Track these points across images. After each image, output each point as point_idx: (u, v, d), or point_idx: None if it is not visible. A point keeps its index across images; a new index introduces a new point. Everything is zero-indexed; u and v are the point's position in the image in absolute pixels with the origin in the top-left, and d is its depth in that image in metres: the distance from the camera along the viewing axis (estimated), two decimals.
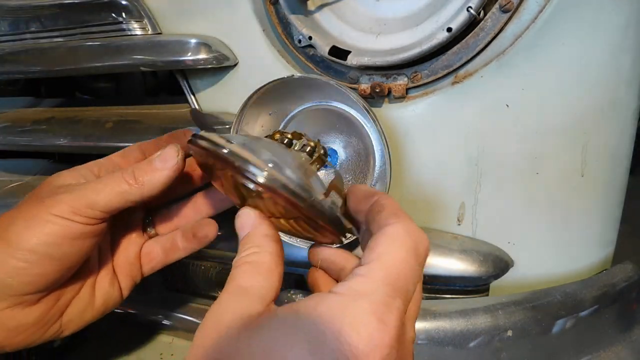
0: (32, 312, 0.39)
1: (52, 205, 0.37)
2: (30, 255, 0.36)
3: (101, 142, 0.63)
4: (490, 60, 0.49)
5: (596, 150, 0.53)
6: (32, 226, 0.37)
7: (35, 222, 0.37)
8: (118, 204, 0.39)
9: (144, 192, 0.39)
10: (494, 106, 0.50)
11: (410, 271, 0.30)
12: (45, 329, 0.40)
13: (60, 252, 0.38)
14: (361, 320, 0.26)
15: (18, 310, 0.38)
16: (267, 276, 0.33)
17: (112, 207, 0.39)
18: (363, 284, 0.28)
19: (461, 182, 0.53)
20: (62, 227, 0.37)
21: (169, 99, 0.72)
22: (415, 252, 0.31)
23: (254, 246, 0.35)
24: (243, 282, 0.32)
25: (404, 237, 0.31)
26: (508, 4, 0.46)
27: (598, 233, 0.59)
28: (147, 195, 0.40)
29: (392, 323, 0.27)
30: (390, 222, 0.32)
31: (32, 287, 0.38)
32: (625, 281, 0.56)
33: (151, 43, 0.58)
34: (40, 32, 0.65)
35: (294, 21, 0.52)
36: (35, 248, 0.37)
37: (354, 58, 0.50)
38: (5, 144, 0.70)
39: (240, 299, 0.31)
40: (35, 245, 0.36)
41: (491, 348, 0.49)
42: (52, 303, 0.40)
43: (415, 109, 0.52)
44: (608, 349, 0.54)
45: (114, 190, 0.38)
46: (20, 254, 0.36)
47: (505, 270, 0.54)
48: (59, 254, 0.38)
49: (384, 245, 0.30)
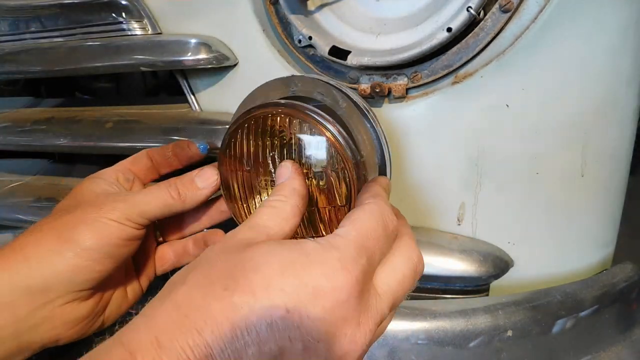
0: (86, 306, 0.43)
1: (109, 212, 0.43)
2: (94, 254, 0.42)
3: (101, 142, 0.63)
4: (490, 60, 0.49)
5: (596, 150, 0.53)
6: (95, 229, 0.42)
7: (97, 226, 0.42)
8: (162, 214, 0.45)
9: (185, 206, 0.46)
10: (494, 106, 0.50)
11: (377, 239, 0.34)
12: (94, 321, 0.45)
13: (117, 251, 0.43)
14: (329, 263, 0.31)
15: (75, 304, 0.43)
16: (281, 223, 0.37)
17: (157, 216, 0.45)
18: (337, 239, 0.33)
19: (461, 182, 0.53)
20: (118, 230, 0.43)
21: (169, 99, 0.72)
22: (384, 224, 0.36)
23: (281, 195, 0.39)
24: (259, 220, 0.37)
25: (376, 211, 0.36)
26: (508, 4, 0.46)
27: (598, 233, 0.59)
28: (187, 208, 0.47)
29: (355, 273, 0.31)
30: (368, 201, 0.37)
31: (90, 283, 0.42)
32: (625, 281, 0.56)
33: (151, 43, 0.58)
34: (40, 32, 0.65)
35: (294, 21, 0.52)
36: (99, 248, 0.42)
37: (354, 58, 0.50)
38: (5, 144, 0.70)
39: (250, 232, 0.35)
40: (99, 245, 0.42)
41: (491, 348, 0.49)
42: (100, 297, 0.45)
43: (415, 109, 0.52)
44: (608, 349, 0.54)
45: (161, 202, 0.45)
46: (86, 253, 0.41)
47: (505, 270, 0.54)
48: (116, 254, 0.43)
49: (358, 214, 0.36)
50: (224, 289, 0.30)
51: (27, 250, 0.41)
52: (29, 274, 0.40)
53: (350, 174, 0.41)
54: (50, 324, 0.42)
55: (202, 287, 0.30)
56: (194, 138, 0.58)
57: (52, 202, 0.69)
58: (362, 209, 0.36)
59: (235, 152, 0.45)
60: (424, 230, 0.55)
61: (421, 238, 0.54)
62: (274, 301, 0.29)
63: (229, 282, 0.30)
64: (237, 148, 0.45)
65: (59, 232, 0.42)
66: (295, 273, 0.30)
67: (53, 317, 0.41)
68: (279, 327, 0.29)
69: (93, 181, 0.48)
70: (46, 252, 0.41)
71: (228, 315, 0.29)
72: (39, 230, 0.43)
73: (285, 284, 0.30)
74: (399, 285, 0.36)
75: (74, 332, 0.43)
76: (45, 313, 0.41)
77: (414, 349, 0.49)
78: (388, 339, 0.49)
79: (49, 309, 0.41)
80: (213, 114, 0.61)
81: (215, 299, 0.29)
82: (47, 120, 0.69)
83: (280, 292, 0.29)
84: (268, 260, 0.31)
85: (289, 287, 0.30)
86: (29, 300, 0.40)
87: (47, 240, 0.42)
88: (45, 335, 0.42)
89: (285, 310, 0.29)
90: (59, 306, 0.41)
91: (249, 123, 0.44)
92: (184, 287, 0.31)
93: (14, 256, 0.41)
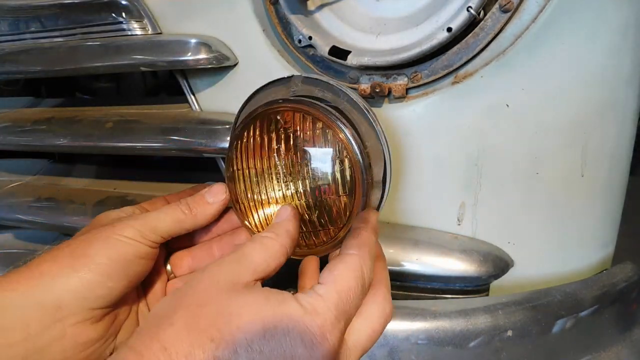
0: (97, 328, 0.43)
1: (122, 229, 0.43)
2: (107, 268, 0.42)
3: (101, 142, 0.63)
4: (490, 60, 0.49)
5: (596, 150, 0.53)
6: (109, 246, 0.42)
7: (111, 243, 0.43)
8: (174, 230, 0.46)
9: (196, 221, 0.47)
10: (494, 106, 0.50)
11: (355, 298, 0.37)
12: (105, 346, 0.44)
13: (131, 269, 0.43)
14: (310, 331, 0.34)
15: (88, 325, 0.42)
16: (267, 260, 0.39)
17: (170, 233, 0.46)
18: (320, 303, 0.35)
19: (461, 182, 0.53)
20: (132, 247, 0.43)
21: (169, 99, 0.72)
22: (362, 281, 0.38)
23: (273, 233, 0.41)
24: (247, 252, 0.39)
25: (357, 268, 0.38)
26: (508, 4, 0.46)
27: (598, 233, 0.59)
28: (199, 224, 0.47)
29: (332, 340, 0.34)
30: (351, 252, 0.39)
31: (101, 302, 0.42)
32: (625, 281, 0.56)
33: (151, 43, 0.58)
34: (40, 32, 0.65)
35: (294, 21, 0.52)
36: (112, 263, 0.42)
37: (354, 58, 0.50)
38: (5, 144, 0.70)
39: (236, 265, 0.37)
40: (111, 260, 0.42)
41: (491, 348, 0.49)
42: (112, 321, 0.45)
43: (416, 109, 0.52)
44: (608, 349, 0.54)
45: (173, 218, 0.46)
46: (99, 268, 0.41)
47: (505, 270, 0.54)
48: (129, 271, 0.43)
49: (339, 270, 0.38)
50: (210, 340, 0.33)
51: (43, 267, 0.41)
52: (43, 290, 0.40)
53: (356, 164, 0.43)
54: (61, 346, 0.41)
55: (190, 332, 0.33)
56: (195, 139, 0.58)
57: (52, 202, 0.69)
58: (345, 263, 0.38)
59: (243, 149, 0.47)
60: (424, 230, 0.55)
61: (421, 238, 0.54)
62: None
63: (215, 333, 0.33)
64: (245, 145, 0.46)
65: (73, 249, 0.43)
66: (277, 338, 0.33)
67: (64, 337, 0.41)
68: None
69: (110, 212, 0.49)
70: (60, 268, 0.41)
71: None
72: (57, 249, 0.43)
73: (265, 346, 0.33)
74: (368, 340, 0.39)
75: (84, 356, 0.42)
76: (57, 333, 0.40)
77: (414, 349, 0.49)
78: (388, 339, 0.49)
79: (60, 328, 0.41)
80: (213, 114, 0.61)
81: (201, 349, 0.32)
82: (47, 120, 0.69)
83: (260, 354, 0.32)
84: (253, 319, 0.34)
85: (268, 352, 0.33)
86: (40, 317, 0.40)
87: (62, 258, 0.42)
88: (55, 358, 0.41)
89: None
90: (70, 325, 0.41)
91: (258, 120, 0.45)
92: (172, 328, 0.33)
93: (30, 273, 0.41)
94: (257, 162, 0.47)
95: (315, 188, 0.45)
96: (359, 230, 0.42)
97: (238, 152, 0.47)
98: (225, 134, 0.57)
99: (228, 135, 0.55)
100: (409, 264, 0.52)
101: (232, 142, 0.47)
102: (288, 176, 0.46)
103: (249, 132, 0.46)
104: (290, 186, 0.46)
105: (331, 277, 0.38)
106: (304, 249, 0.48)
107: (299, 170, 0.45)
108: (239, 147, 0.47)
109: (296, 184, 0.46)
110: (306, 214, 0.47)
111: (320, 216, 0.46)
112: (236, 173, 0.48)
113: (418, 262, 0.52)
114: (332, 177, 0.44)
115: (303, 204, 0.46)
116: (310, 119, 0.43)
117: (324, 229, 0.47)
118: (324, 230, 0.47)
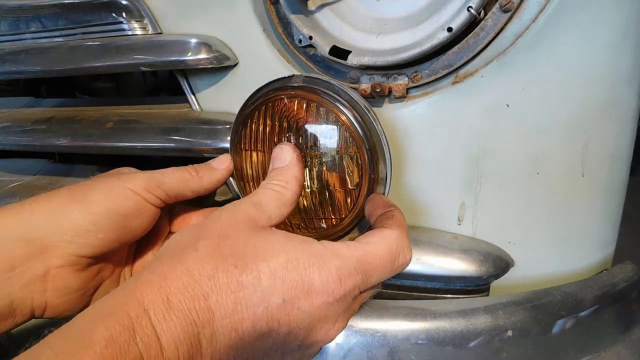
0: (79, 277, 0.43)
1: (128, 180, 0.43)
2: (100, 219, 0.41)
3: (101, 142, 0.63)
4: (491, 60, 0.49)
5: (596, 150, 0.53)
6: (109, 194, 0.42)
7: (112, 192, 0.42)
8: (180, 188, 0.46)
9: (202, 183, 0.47)
10: (495, 106, 0.50)
11: (381, 268, 0.37)
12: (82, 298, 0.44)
13: (123, 223, 0.43)
14: (328, 269, 0.35)
15: (70, 271, 0.42)
16: (280, 207, 0.40)
17: (175, 190, 0.46)
18: (343, 249, 0.36)
19: (461, 182, 0.53)
20: (132, 202, 0.43)
21: (169, 99, 0.72)
22: (394, 259, 0.38)
23: (283, 181, 0.42)
24: (262, 200, 0.39)
25: (393, 243, 0.38)
26: (508, 3, 0.46)
27: (598, 233, 0.59)
28: (205, 186, 0.47)
29: (347, 285, 0.35)
30: (392, 228, 0.39)
31: (88, 250, 0.42)
32: (625, 281, 0.56)
33: (151, 43, 0.58)
34: (40, 32, 0.65)
35: (294, 21, 0.52)
36: (107, 214, 0.42)
37: (355, 58, 0.50)
38: (5, 144, 0.70)
39: (254, 209, 0.38)
40: (107, 211, 0.42)
41: (491, 348, 0.49)
42: (94, 274, 0.45)
43: (416, 108, 0.52)
44: (608, 349, 0.54)
45: (180, 176, 0.46)
46: (92, 217, 0.41)
47: (505, 270, 0.54)
48: (122, 225, 0.43)
49: (375, 238, 0.38)
50: (234, 266, 0.33)
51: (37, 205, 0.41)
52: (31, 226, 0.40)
53: (363, 157, 0.43)
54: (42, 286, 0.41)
55: (213, 258, 0.33)
56: (195, 139, 0.58)
57: None
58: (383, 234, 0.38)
59: (251, 132, 0.48)
60: (424, 230, 0.55)
61: (421, 238, 0.54)
62: (275, 289, 0.33)
63: (239, 261, 0.34)
64: (252, 128, 0.47)
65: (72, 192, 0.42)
66: (297, 269, 0.34)
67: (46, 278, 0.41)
68: (273, 311, 0.33)
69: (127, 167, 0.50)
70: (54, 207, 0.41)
71: (233, 289, 0.33)
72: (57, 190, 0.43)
73: (287, 276, 0.34)
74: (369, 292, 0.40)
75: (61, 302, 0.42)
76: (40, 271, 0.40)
77: (414, 349, 0.49)
78: (388, 339, 0.49)
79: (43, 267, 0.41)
80: (213, 114, 0.61)
81: (225, 273, 0.33)
82: (47, 120, 0.69)
83: (282, 282, 0.34)
84: (276, 253, 0.35)
85: (289, 281, 0.34)
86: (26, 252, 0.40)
87: (59, 198, 0.42)
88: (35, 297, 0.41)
89: (282, 300, 0.33)
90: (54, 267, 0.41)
91: (265, 105, 0.46)
92: (195, 253, 0.34)
93: (21, 208, 0.41)
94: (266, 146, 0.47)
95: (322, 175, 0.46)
96: (391, 212, 0.42)
97: (246, 133, 0.48)
98: (225, 134, 0.57)
99: (228, 135, 0.55)
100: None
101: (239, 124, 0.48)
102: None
103: (259, 114, 0.47)
104: None
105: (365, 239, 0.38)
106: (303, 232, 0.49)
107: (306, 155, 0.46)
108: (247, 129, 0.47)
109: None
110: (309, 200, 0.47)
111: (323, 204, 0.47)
112: (243, 153, 0.49)
113: (418, 262, 0.52)
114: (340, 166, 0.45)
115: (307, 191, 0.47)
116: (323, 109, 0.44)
117: (326, 218, 0.47)
118: (325, 219, 0.47)
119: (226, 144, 0.56)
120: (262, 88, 0.48)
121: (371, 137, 0.44)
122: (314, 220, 0.48)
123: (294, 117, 0.45)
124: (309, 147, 0.45)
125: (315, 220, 0.48)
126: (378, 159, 0.45)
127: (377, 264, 0.37)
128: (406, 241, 0.39)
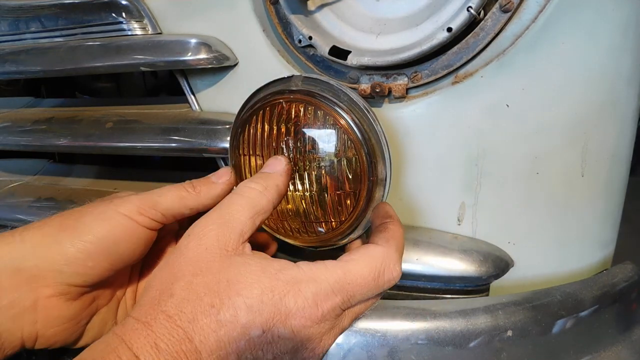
0: (71, 307, 0.42)
1: (120, 204, 0.42)
2: (90, 247, 0.40)
3: (101, 142, 0.63)
4: (491, 60, 0.49)
5: (596, 150, 0.53)
6: (100, 221, 0.41)
7: (103, 218, 0.41)
8: (176, 207, 0.44)
9: (200, 200, 0.44)
10: (494, 106, 0.50)
11: (363, 286, 0.37)
12: (75, 328, 0.43)
13: (115, 249, 0.41)
14: (303, 295, 0.35)
15: (61, 300, 0.41)
16: (254, 217, 0.39)
17: (171, 209, 0.43)
18: (321, 272, 0.36)
19: (461, 182, 0.53)
20: (124, 227, 0.41)
21: (169, 99, 0.72)
22: (377, 276, 0.38)
23: (262, 185, 0.40)
24: (234, 213, 0.38)
25: (377, 259, 0.38)
26: (508, 3, 0.46)
27: (598, 233, 0.59)
28: (203, 202, 0.45)
29: (323, 308, 0.36)
30: (377, 243, 0.39)
31: (79, 279, 0.41)
32: (625, 281, 0.56)
33: (151, 43, 0.58)
34: (40, 32, 0.65)
35: (294, 21, 0.52)
36: (97, 241, 0.40)
37: (354, 58, 0.50)
38: (5, 144, 0.70)
39: (223, 230, 0.37)
40: (97, 238, 0.40)
41: (491, 348, 0.49)
42: (88, 303, 0.43)
43: (416, 109, 0.52)
44: (608, 349, 0.54)
45: (175, 194, 0.44)
46: (82, 244, 0.40)
47: (505, 270, 0.54)
48: (113, 251, 0.41)
49: (358, 255, 0.38)
50: (210, 306, 0.34)
51: (27, 234, 0.40)
52: (22, 256, 0.39)
53: (362, 160, 0.43)
54: (32, 317, 0.40)
55: (189, 301, 0.34)
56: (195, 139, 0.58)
57: (52, 202, 0.69)
58: (366, 251, 0.38)
59: (249, 136, 0.47)
60: (424, 230, 0.55)
61: (421, 238, 0.54)
62: (254, 322, 0.34)
63: (215, 299, 0.34)
64: (250, 133, 0.47)
65: (64, 219, 0.41)
66: (273, 300, 0.35)
67: (36, 308, 0.40)
68: (255, 342, 0.34)
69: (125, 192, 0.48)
70: (43, 237, 0.40)
71: (214, 329, 0.33)
72: (49, 218, 0.42)
73: (263, 309, 0.34)
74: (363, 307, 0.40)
75: (53, 333, 0.41)
76: (30, 302, 0.39)
77: (414, 349, 0.49)
78: (388, 339, 0.49)
79: (33, 297, 0.39)
80: (213, 114, 0.61)
81: (203, 314, 0.34)
82: (47, 120, 0.69)
83: (259, 316, 0.34)
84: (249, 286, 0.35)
85: (266, 313, 0.34)
86: (16, 283, 0.39)
87: (50, 227, 0.41)
88: (25, 328, 0.40)
89: (262, 331, 0.34)
90: (44, 297, 0.40)
91: (263, 109, 0.45)
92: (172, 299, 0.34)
93: (12, 238, 0.40)
94: (264, 150, 0.47)
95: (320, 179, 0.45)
96: (386, 224, 0.42)
97: (245, 137, 0.47)
98: (225, 134, 0.57)
99: (228, 135, 0.55)
100: (409, 264, 0.52)
101: (238, 128, 0.47)
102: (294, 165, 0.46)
103: (257, 119, 0.46)
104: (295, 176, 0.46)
105: (347, 257, 0.38)
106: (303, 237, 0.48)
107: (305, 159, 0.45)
108: (245, 133, 0.47)
109: (302, 173, 0.46)
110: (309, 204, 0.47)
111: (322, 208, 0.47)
112: (242, 158, 0.48)
113: (418, 262, 0.52)
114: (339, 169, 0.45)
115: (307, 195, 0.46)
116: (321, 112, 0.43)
117: (325, 221, 0.47)
118: (324, 222, 0.47)
119: (226, 144, 0.56)
120: (260, 90, 0.48)
121: (370, 140, 0.44)
122: (313, 224, 0.47)
123: (292, 121, 0.44)
124: (308, 151, 0.45)
125: (315, 224, 0.47)
126: (377, 161, 0.44)
127: (359, 283, 0.37)
128: (394, 256, 0.39)
